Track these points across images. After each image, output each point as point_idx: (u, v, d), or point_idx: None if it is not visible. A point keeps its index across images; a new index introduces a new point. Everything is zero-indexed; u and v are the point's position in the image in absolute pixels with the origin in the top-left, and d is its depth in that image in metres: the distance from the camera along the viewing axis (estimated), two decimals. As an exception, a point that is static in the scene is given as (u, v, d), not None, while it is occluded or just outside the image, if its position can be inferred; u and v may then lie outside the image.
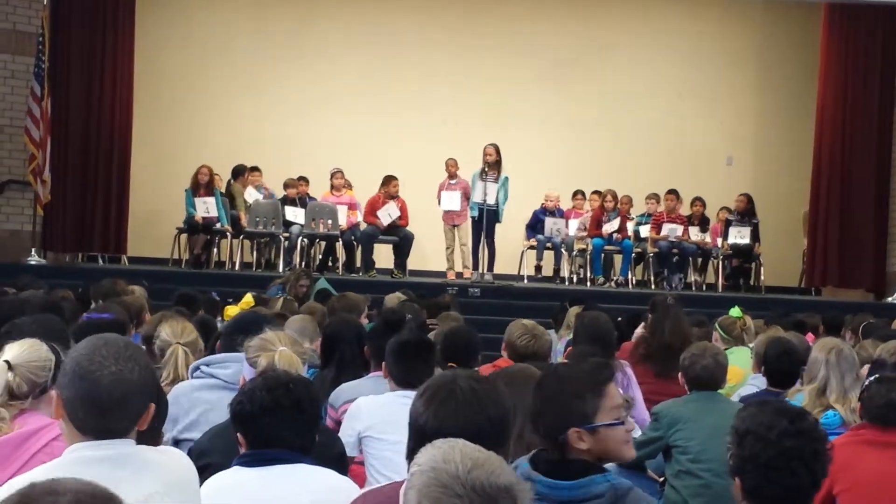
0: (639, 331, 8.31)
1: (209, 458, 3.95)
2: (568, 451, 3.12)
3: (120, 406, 2.80)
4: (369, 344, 5.93)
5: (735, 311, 8.45)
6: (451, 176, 15.82)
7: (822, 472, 3.12)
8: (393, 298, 10.01)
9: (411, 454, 2.80)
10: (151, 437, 3.31)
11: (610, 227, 15.93)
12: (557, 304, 10.93)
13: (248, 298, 8.73)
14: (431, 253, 16.53)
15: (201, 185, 15.35)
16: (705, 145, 18.19)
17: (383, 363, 5.20)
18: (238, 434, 3.54)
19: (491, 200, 14.55)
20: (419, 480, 2.19)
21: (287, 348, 4.46)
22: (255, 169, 16.52)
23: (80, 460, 2.80)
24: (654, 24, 18.38)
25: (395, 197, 15.75)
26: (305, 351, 4.78)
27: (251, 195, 16.06)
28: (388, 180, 15.82)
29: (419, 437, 2.91)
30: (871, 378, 4.65)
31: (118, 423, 2.82)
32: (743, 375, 7.06)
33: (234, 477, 3.41)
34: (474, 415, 2.89)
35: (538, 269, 16.50)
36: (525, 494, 2.18)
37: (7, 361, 3.94)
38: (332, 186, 16.18)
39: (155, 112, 17.07)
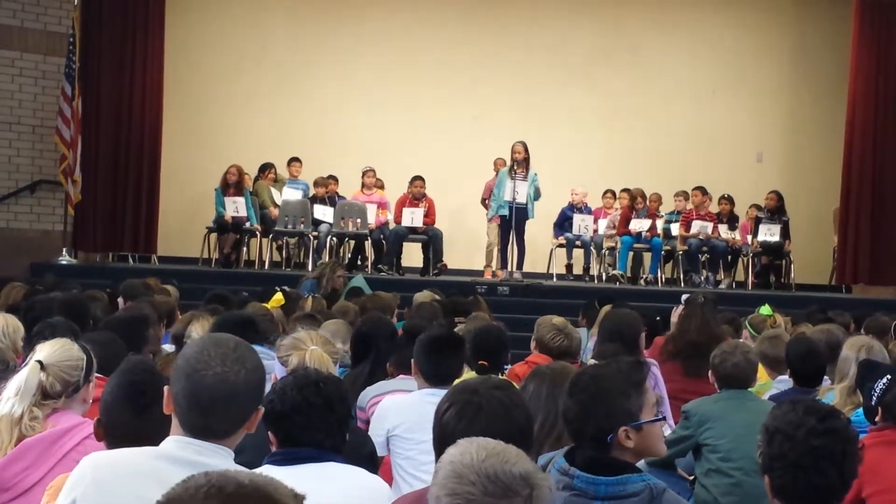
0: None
1: (241, 456, 3.96)
2: (613, 450, 3.16)
3: (221, 407, 2.80)
4: (395, 355, 5.94)
5: (765, 309, 8.42)
6: None
7: (852, 471, 3.10)
8: (425, 296, 10.02)
9: None
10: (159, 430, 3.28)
11: (639, 225, 15.86)
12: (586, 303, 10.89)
13: (279, 296, 8.72)
14: (461, 251, 16.53)
15: (230, 184, 15.43)
16: (735, 142, 18.13)
17: (412, 361, 5.22)
18: (269, 432, 3.55)
19: (521, 198, 14.53)
20: (439, 476, 2.24)
21: (318, 347, 4.48)
22: (294, 160, 16.59)
23: (160, 454, 2.82)
24: (684, 20, 18.34)
25: (419, 197, 15.76)
26: (337, 350, 4.80)
27: (286, 193, 16.13)
28: (413, 180, 15.85)
29: None
30: (888, 377, 4.60)
31: (218, 423, 2.82)
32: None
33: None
34: (504, 425, 2.91)
35: (569, 267, 16.47)
36: (544, 483, 2.21)
37: (39, 361, 3.97)
38: (364, 185, 16.21)
39: (185, 112, 17.14)
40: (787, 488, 3.08)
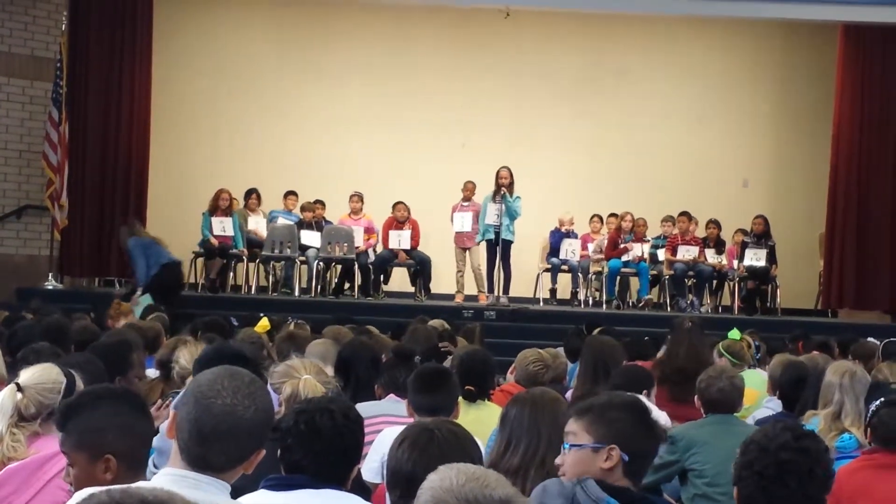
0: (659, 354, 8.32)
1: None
2: None
3: (223, 439, 2.76)
4: (384, 376, 5.94)
5: (734, 334, 8.38)
6: (466, 199, 15.84)
7: (817, 493, 3.13)
8: (437, 323, 9.99)
9: None
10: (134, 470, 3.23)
11: (634, 251, 15.88)
12: (572, 328, 10.91)
13: (265, 322, 8.69)
14: (447, 276, 16.52)
15: (220, 209, 15.40)
16: (722, 167, 18.16)
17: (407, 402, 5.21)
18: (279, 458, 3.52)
19: (507, 221, 14.57)
20: (420, 503, 2.24)
21: (311, 376, 4.48)
22: (291, 193, 16.55)
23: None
24: (670, 46, 18.38)
25: (403, 221, 15.77)
26: (329, 380, 4.80)
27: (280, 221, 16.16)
28: (395, 205, 15.89)
29: (406, 484, 2.96)
30: (879, 401, 4.61)
31: (217, 455, 2.78)
32: (757, 397, 7.04)
33: (258, 500, 3.39)
34: (459, 456, 2.90)
35: (553, 292, 16.45)
36: None
37: (17, 384, 3.98)
38: (351, 210, 16.21)
39: (172, 136, 17.13)
40: (753, 499, 3.12)
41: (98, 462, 3.14)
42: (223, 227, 15.30)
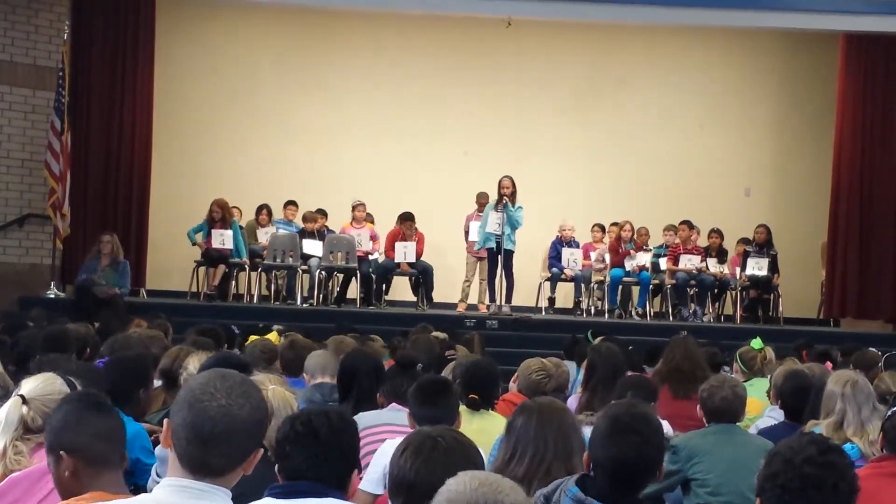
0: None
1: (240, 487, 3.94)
2: None
3: (222, 440, 2.74)
4: (385, 384, 5.95)
5: (756, 343, 8.34)
6: (481, 209, 15.80)
7: None
8: (439, 334, 10.01)
9: None
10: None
11: (637, 261, 15.91)
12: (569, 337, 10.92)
13: (275, 335, 8.64)
14: (450, 285, 16.53)
15: (216, 220, 15.39)
16: (723, 176, 18.17)
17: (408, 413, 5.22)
18: (276, 467, 3.53)
19: (508, 231, 14.58)
20: None
21: (277, 387, 4.55)
22: (291, 203, 16.59)
23: (155, 502, 2.77)
24: (671, 56, 18.41)
25: (411, 235, 15.73)
26: (295, 393, 4.88)
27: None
28: (404, 220, 15.83)
29: (408, 492, 2.96)
30: (893, 410, 4.61)
31: (217, 458, 2.76)
32: (762, 408, 7.03)
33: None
34: (462, 463, 2.91)
35: (552, 301, 16.38)
36: None
37: (21, 396, 3.97)
38: (354, 218, 16.20)
39: (174, 146, 17.14)
40: None
41: (60, 461, 3.21)
42: (223, 239, 15.28)
